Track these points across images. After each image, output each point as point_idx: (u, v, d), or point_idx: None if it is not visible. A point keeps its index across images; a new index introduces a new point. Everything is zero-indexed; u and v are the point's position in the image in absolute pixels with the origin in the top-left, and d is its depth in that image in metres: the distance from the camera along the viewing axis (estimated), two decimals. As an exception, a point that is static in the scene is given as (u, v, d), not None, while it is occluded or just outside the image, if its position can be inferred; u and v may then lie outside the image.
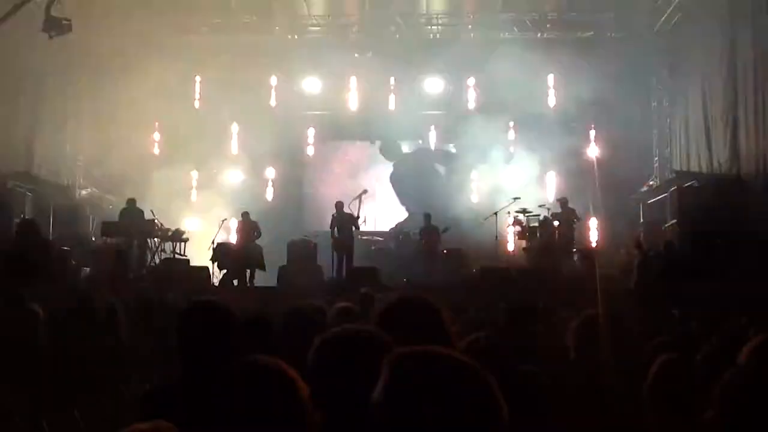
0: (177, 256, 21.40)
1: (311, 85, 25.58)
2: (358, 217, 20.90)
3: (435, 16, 25.36)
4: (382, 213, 25.77)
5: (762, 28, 16.71)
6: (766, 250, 14.76)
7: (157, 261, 21.06)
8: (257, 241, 21.05)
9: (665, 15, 22.37)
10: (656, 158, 24.24)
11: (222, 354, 3.86)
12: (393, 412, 2.13)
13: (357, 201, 21.12)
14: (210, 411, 2.99)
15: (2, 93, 19.41)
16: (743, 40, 17.70)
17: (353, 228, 20.95)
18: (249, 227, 21.33)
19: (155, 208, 21.26)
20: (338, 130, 26.43)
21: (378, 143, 26.73)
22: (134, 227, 20.71)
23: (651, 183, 23.46)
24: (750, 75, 17.44)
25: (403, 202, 26.37)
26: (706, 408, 3.81)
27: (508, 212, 21.41)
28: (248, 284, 20.33)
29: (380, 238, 24.30)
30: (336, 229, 21.13)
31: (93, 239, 22.50)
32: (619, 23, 23.99)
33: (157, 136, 25.31)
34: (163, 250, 21.61)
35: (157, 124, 25.12)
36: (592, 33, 24.09)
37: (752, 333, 6.78)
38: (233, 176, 25.72)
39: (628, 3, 22.58)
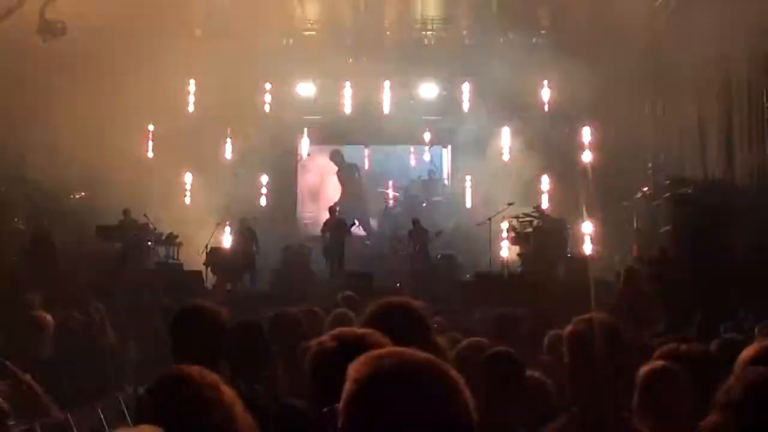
0: (170, 260, 21.39)
1: (305, 89, 25.57)
2: (353, 224, 20.98)
3: (429, 20, 25.36)
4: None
5: (756, 37, 16.73)
6: (758, 258, 14.78)
7: (151, 265, 21.04)
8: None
9: (661, 22, 22.40)
10: (650, 165, 24.24)
11: (212, 358, 3.86)
12: (356, 416, 2.12)
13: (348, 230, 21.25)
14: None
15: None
16: (737, 47, 17.72)
17: (344, 234, 21.05)
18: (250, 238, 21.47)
19: (149, 212, 21.24)
20: (332, 135, 26.44)
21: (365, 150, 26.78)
22: (128, 231, 20.71)
23: (645, 189, 23.43)
24: (744, 82, 17.47)
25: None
26: (696, 415, 3.81)
27: (502, 217, 21.42)
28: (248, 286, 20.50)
29: (368, 242, 24.38)
30: (328, 233, 21.23)
31: (87, 242, 22.45)
32: (614, 30, 23.99)
33: (151, 140, 25.23)
34: (157, 254, 21.61)
35: (151, 128, 25.06)
36: (586, 38, 24.07)
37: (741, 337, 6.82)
38: (227, 180, 25.67)
39: (623, 9, 22.59)
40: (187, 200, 25.10)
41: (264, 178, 25.97)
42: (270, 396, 4.86)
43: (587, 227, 23.14)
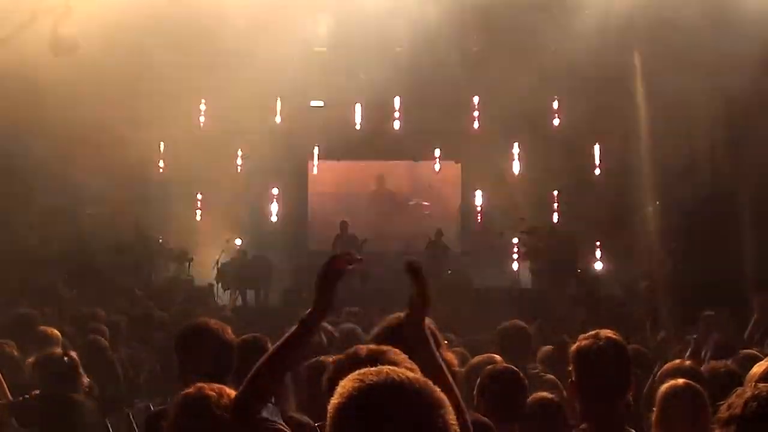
0: (181, 275, 21.43)
1: (316, 105, 25.63)
2: (365, 240, 20.93)
3: (441, 36, 25.29)
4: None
5: (760, 54, 16.72)
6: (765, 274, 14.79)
7: (162, 281, 21.09)
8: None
9: (669, 39, 22.32)
10: (661, 182, 24.15)
11: (219, 375, 3.88)
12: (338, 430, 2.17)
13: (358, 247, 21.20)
14: None
15: (6, 111, 19.42)
16: (748, 60, 17.70)
17: (355, 250, 21.01)
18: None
19: (160, 227, 21.29)
20: (343, 150, 26.45)
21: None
22: (139, 247, 20.76)
23: (656, 205, 23.40)
24: (755, 98, 17.44)
25: None
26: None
27: (513, 233, 21.41)
28: (262, 304, 20.53)
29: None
30: (337, 250, 21.23)
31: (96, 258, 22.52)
32: (625, 46, 23.94)
33: (162, 154, 25.27)
34: (168, 270, 21.66)
35: (162, 143, 25.11)
36: (597, 56, 24.01)
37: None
38: (238, 196, 25.74)
39: (633, 23, 22.57)
40: (198, 215, 25.15)
41: (275, 192, 26.06)
42: (278, 411, 4.86)
43: (598, 243, 23.13)
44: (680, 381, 4.94)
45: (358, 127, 25.62)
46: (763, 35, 16.65)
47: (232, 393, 3.52)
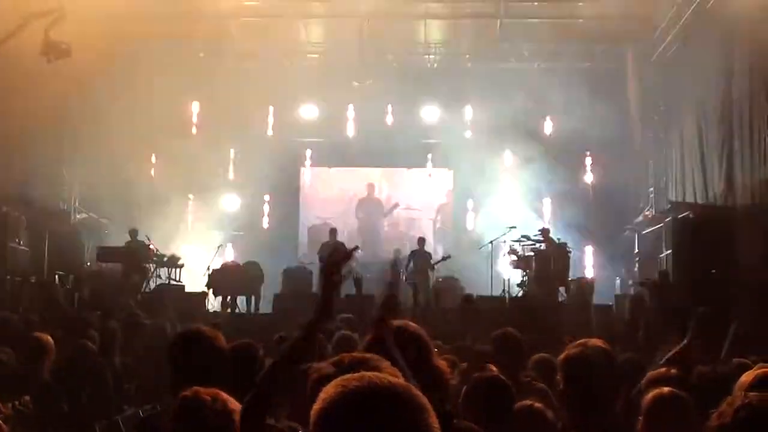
0: (172, 282, 21.37)
1: (309, 111, 25.64)
2: (355, 247, 20.86)
3: (433, 45, 25.38)
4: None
5: (758, 60, 16.77)
6: (759, 281, 14.77)
7: (152, 287, 21.03)
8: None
9: (662, 47, 22.44)
10: (652, 188, 24.26)
11: (211, 382, 3.88)
12: None
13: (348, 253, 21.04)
14: None
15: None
16: (739, 70, 17.77)
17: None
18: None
19: (151, 233, 21.24)
20: (335, 157, 26.48)
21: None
22: (130, 253, 20.69)
23: (647, 213, 23.46)
24: (745, 106, 17.48)
25: None
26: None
27: (504, 241, 21.40)
28: (254, 310, 20.44)
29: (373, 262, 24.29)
30: (324, 255, 21.23)
31: (88, 264, 22.48)
32: (616, 54, 24.05)
33: (154, 160, 25.25)
34: (159, 276, 21.58)
35: (154, 149, 25.08)
36: (588, 64, 24.12)
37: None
38: (230, 202, 25.74)
39: (625, 34, 22.66)
40: (190, 221, 25.15)
41: (267, 198, 26.09)
42: (269, 419, 4.86)
43: (589, 251, 23.16)
44: (665, 389, 4.94)
45: (350, 133, 25.68)
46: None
47: (227, 397, 3.52)
